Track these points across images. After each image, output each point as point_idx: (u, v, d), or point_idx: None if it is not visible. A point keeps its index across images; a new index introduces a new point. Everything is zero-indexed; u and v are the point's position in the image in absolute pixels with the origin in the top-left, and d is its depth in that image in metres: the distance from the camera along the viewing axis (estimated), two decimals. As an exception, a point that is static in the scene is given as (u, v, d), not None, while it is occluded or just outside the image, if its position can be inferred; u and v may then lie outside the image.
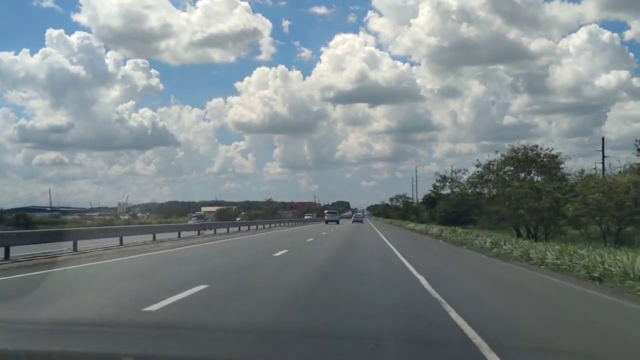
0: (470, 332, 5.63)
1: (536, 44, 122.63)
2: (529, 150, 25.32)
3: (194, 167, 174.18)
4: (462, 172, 31.65)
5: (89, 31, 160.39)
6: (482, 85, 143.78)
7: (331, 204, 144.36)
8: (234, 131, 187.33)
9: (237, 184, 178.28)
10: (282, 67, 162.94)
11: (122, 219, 76.95)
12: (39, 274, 11.11)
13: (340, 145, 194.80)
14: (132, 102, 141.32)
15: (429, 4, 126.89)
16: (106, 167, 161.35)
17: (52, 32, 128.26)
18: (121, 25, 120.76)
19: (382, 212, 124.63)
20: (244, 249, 20.63)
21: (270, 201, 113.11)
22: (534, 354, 5.10)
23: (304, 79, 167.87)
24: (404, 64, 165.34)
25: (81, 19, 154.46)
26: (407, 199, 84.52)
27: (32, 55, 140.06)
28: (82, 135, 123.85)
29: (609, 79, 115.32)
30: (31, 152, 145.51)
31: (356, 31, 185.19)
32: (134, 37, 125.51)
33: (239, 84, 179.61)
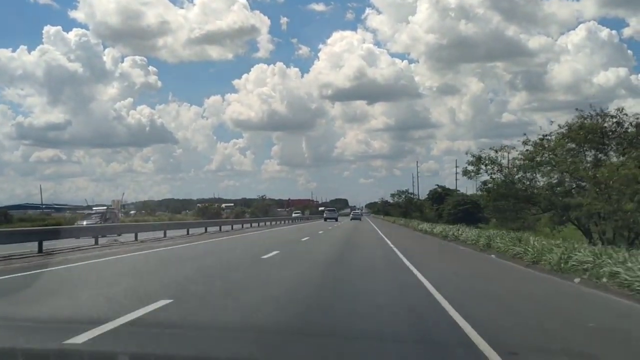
0: None
1: (535, 42, 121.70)
2: (605, 116, 17.98)
3: (192, 165, 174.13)
4: (504, 151, 22.60)
5: (86, 28, 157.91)
6: (480, 82, 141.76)
7: (329, 201, 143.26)
8: (232, 129, 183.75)
9: (235, 181, 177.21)
10: (280, 64, 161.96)
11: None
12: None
13: (338, 142, 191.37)
14: (130, 100, 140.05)
15: (428, 1, 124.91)
16: (104, 164, 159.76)
17: (49, 29, 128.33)
18: (118, 22, 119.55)
19: (381, 209, 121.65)
20: (222, 253, 17.60)
21: (263, 198, 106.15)
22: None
23: (302, 77, 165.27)
24: (403, 61, 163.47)
25: (78, 15, 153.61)
26: (409, 194, 79.00)
27: (29, 52, 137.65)
28: (79, 132, 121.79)
29: (608, 77, 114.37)
30: (29, 149, 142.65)
31: (354, 28, 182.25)
32: (132, 34, 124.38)
33: (237, 82, 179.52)
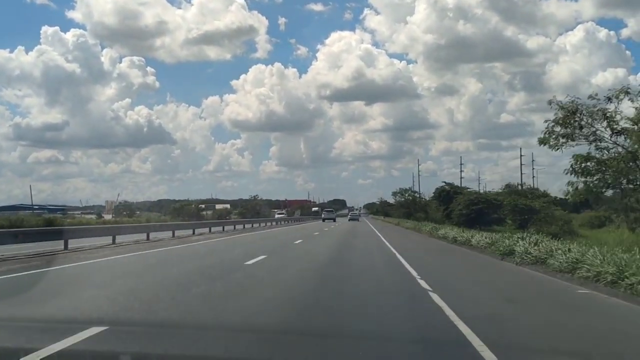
0: None
1: (533, 42, 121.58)
2: None
3: (190, 165, 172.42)
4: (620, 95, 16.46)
5: (84, 28, 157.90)
6: (478, 83, 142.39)
7: (327, 202, 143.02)
8: (230, 129, 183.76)
9: (233, 182, 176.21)
10: (278, 64, 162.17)
11: (106, 217, 72.11)
12: None
13: (336, 143, 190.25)
14: (127, 100, 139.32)
15: (426, 1, 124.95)
16: (102, 165, 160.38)
17: (47, 30, 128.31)
18: (116, 22, 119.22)
19: (380, 209, 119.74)
20: (199, 259, 15.77)
21: (255, 198, 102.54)
22: None
23: (300, 77, 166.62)
24: (401, 61, 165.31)
25: (76, 15, 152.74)
26: (414, 193, 71.78)
27: (27, 52, 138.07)
28: (77, 133, 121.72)
29: (606, 77, 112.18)
30: (26, 150, 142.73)
31: (352, 29, 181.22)
32: (129, 35, 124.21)
33: (235, 82, 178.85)
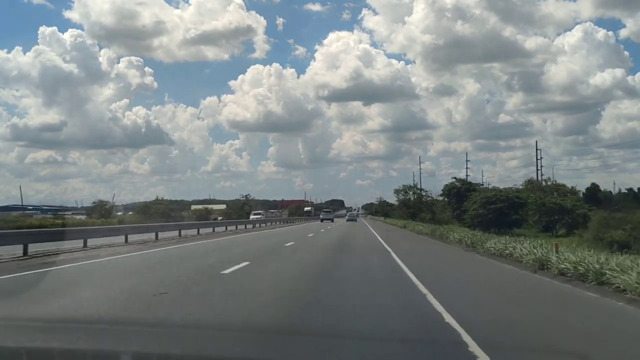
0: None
1: (531, 42, 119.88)
2: None
3: (189, 166, 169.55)
4: None
5: (81, 28, 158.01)
6: (477, 83, 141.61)
7: (325, 202, 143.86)
8: (228, 130, 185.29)
9: (231, 182, 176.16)
10: (276, 65, 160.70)
11: (81, 218, 67.33)
12: None
13: (334, 143, 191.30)
14: (125, 101, 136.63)
15: (424, 1, 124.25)
16: (100, 165, 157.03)
17: (44, 30, 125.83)
18: (113, 22, 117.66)
19: (379, 210, 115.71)
20: (166, 267, 13.33)
21: (247, 198, 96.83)
22: None
23: (299, 77, 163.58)
24: (399, 62, 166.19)
25: (73, 16, 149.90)
26: (419, 190, 64.69)
27: (24, 53, 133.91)
28: (75, 133, 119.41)
29: (604, 78, 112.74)
30: (24, 150, 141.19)
31: (351, 29, 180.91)
32: (127, 35, 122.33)
33: (233, 82, 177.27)
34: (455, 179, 48.85)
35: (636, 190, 58.78)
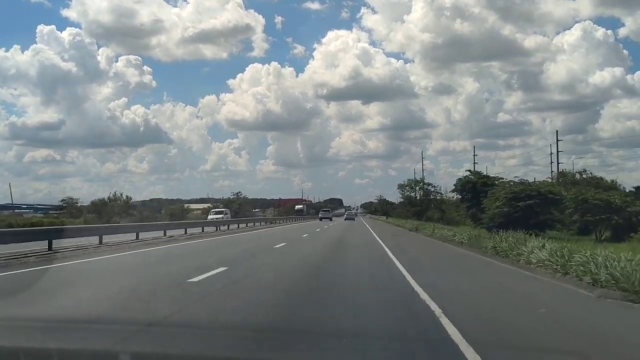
0: None
1: (531, 41, 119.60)
2: None
3: (187, 165, 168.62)
4: None
5: (79, 27, 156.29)
6: (476, 82, 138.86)
7: (323, 201, 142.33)
8: (227, 128, 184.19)
9: (230, 181, 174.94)
10: (275, 63, 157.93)
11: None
12: None
13: (333, 142, 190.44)
14: (124, 99, 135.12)
15: (423, 0, 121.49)
16: (98, 164, 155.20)
17: (43, 29, 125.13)
18: (111, 20, 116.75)
19: (379, 209, 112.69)
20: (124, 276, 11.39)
21: (238, 196, 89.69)
22: None
23: (297, 76, 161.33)
24: (398, 60, 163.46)
25: (71, 14, 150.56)
26: (427, 185, 57.98)
27: (22, 51, 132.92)
28: (73, 132, 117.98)
29: (603, 76, 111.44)
30: (22, 149, 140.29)
31: (349, 28, 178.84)
32: (125, 33, 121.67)
33: (231, 81, 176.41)
34: (470, 172, 42.78)
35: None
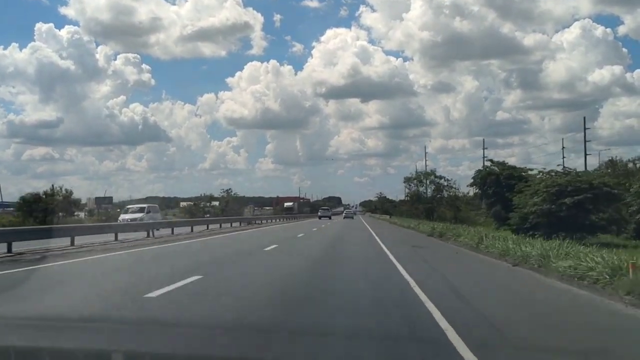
0: None
1: (530, 39, 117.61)
2: None
3: (186, 163, 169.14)
4: None
5: (77, 25, 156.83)
6: (475, 80, 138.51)
7: (322, 199, 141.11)
8: (225, 127, 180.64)
9: (229, 179, 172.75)
10: (273, 61, 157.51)
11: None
12: None
13: (332, 141, 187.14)
14: (122, 97, 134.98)
15: None
16: (97, 162, 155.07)
17: (41, 27, 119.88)
18: (110, 18, 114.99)
19: (379, 207, 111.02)
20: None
21: (228, 193, 77.43)
22: None
23: (296, 74, 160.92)
24: (397, 59, 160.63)
25: (69, 12, 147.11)
26: (439, 178, 50.64)
27: (21, 49, 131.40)
28: (72, 130, 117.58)
29: (603, 75, 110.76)
30: (20, 147, 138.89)
31: (348, 26, 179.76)
32: (123, 31, 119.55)
33: (230, 79, 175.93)
34: (491, 161, 37.06)
35: None
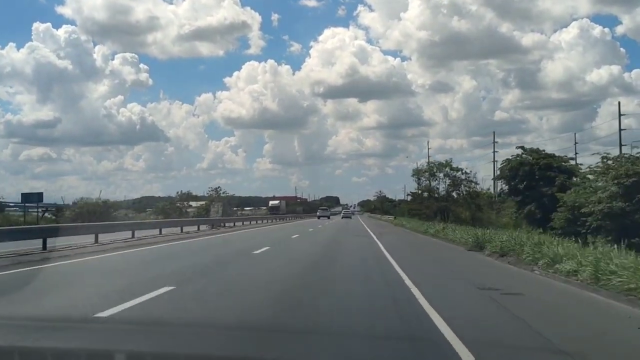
0: None
1: (528, 39, 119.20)
2: None
3: (184, 163, 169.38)
4: None
5: (74, 24, 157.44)
6: (473, 80, 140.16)
7: (320, 199, 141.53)
8: (223, 127, 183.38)
9: (227, 179, 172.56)
10: (271, 61, 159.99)
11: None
12: None
13: (330, 141, 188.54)
14: (120, 97, 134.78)
15: None
16: (95, 162, 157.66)
17: (38, 26, 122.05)
18: (107, 17, 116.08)
19: (379, 207, 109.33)
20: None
21: (216, 190, 66.03)
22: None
23: (294, 74, 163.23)
24: (395, 58, 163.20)
25: (66, 11, 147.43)
26: (456, 171, 40.68)
27: (18, 49, 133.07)
28: (70, 130, 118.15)
29: (601, 75, 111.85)
30: (18, 147, 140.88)
31: (346, 25, 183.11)
32: (120, 30, 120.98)
33: (228, 79, 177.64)
34: (523, 149, 32.03)
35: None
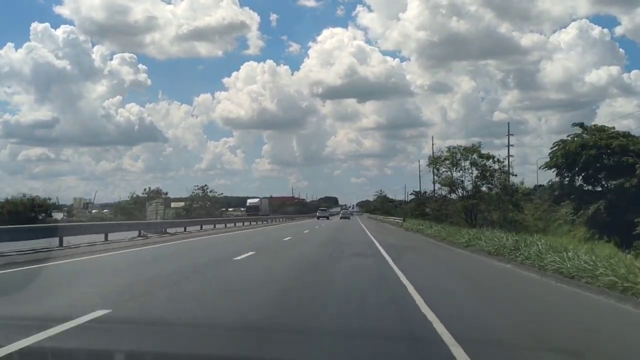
0: None
1: (527, 39, 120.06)
2: None
3: (183, 163, 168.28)
4: None
5: (72, 24, 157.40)
6: (472, 81, 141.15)
7: (318, 199, 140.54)
8: (222, 127, 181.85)
9: (226, 180, 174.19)
10: (270, 62, 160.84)
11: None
12: None
13: (329, 141, 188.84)
14: (119, 97, 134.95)
15: None
16: (93, 163, 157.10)
17: (36, 26, 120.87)
18: (105, 17, 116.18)
19: (379, 207, 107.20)
20: None
21: (203, 189, 62.13)
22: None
23: (293, 74, 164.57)
24: (394, 59, 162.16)
25: (64, 11, 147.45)
26: (486, 159, 29.66)
27: (16, 49, 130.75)
28: (68, 130, 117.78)
29: (600, 75, 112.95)
30: (16, 147, 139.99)
31: (345, 25, 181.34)
32: (119, 30, 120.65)
33: (226, 79, 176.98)
34: (582, 126, 27.97)
35: None
